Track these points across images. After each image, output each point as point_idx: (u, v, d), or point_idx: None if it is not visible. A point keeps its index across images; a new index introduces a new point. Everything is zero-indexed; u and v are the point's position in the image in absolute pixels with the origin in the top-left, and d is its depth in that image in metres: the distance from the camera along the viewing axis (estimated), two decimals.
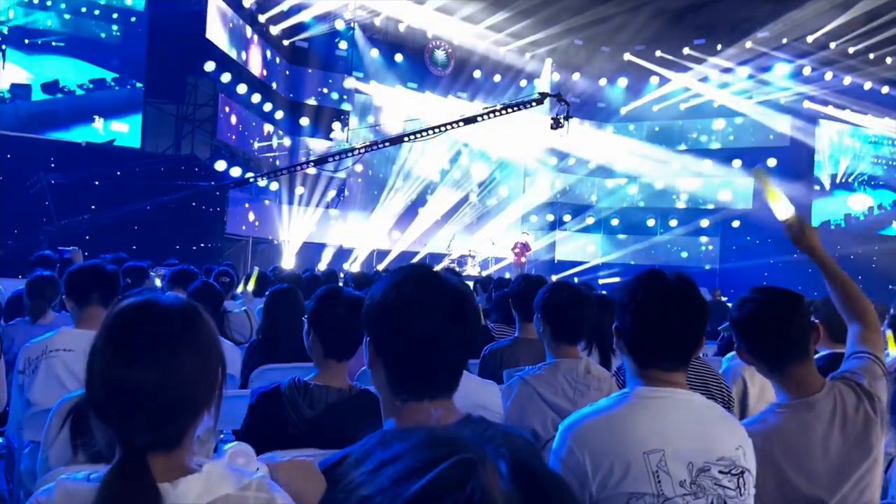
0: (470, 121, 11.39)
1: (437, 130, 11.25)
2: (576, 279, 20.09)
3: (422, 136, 11.41)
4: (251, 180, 13.34)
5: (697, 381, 2.86)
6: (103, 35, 12.67)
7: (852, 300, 2.22)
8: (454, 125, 11.27)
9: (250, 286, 5.33)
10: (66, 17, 12.29)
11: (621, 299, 1.77)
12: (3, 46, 11.55)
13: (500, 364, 3.46)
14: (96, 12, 12.65)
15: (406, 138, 11.88)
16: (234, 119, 14.53)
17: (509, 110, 11.86)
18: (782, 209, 2.24)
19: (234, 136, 14.58)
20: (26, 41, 11.97)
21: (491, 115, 11.50)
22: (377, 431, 1.18)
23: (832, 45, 17.52)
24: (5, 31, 11.48)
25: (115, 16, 12.83)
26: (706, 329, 1.81)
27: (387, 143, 12.39)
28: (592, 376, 2.66)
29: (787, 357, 1.97)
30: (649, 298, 1.72)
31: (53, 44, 12.19)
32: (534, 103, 11.78)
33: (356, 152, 11.73)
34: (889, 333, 4.01)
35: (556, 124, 11.27)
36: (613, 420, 1.68)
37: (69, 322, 3.11)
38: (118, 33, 12.80)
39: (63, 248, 6.87)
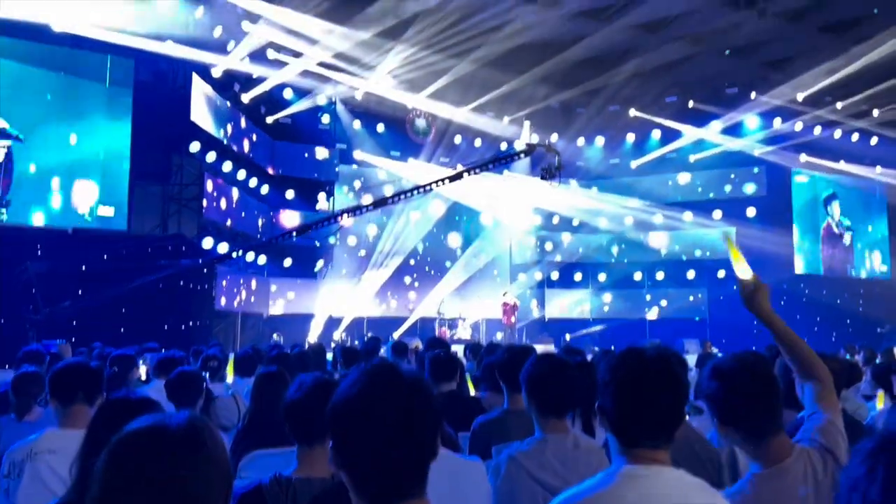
0: (456, 177, 11.44)
1: (423, 190, 11.28)
2: (567, 336, 20.06)
3: (407, 197, 11.45)
4: (235, 255, 13.35)
5: (684, 445, 2.86)
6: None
7: (805, 361, 2.25)
8: (442, 182, 11.31)
9: (230, 379, 5.23)
10: None
11: (602, 379, 1.79)
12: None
13: (490, 437, 3.44)
14: None
15: (390, 200, 11.90)
16: (220, 196, 14.68)
17: (498, 163, 11.97)
18: (743, 270, 2.31)
19: (220, 213, 14.69)
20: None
21: (479, 169, 11.57)
22: None
23: (799, 96, 18.07)
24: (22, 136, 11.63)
25: None
26: (686, 404, 1.84)
27: (370, 207, 12.42)
28: (581, 451, 2.65)
29: (762, 430, 1.99)
30: (628, 379, 1.74)
31: None
32: (522, 154, 11.93)
33: (341, 217, 11.74)
34: (880, 394, 4.04)
35: (549, 175, 11.33)
36: (600, 500, 1.69)
37: (55, 418, 3.09)
38: None
39: (49, 342, 6.76)
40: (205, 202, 13.85)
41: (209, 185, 14.00)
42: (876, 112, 18.73)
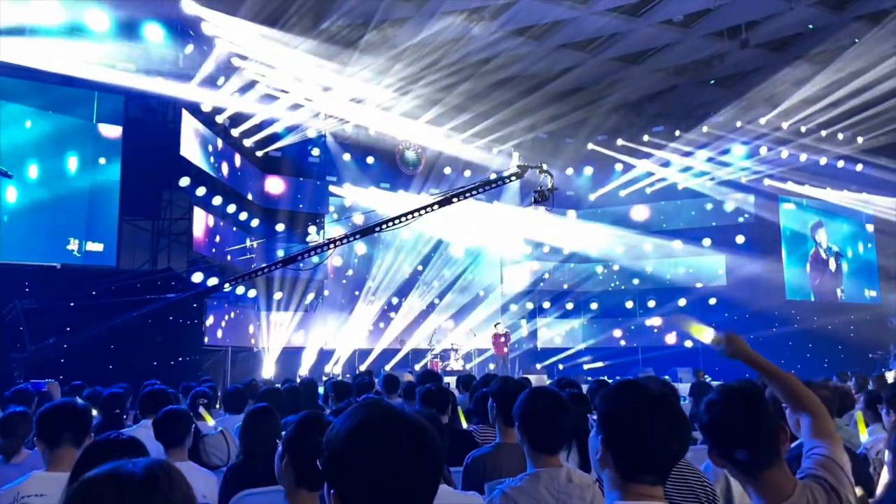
0: (447, 202, 11.30)
1: (412, 216, 11.12)
2: (560, 366, 19.99)
3: (396, 224, 11.30)
4: (223, 289, 13.21)
5: (679, 478, 2.84)
6: None
7: (794, 394, 2.24)
8: (432, 208, 11.18)
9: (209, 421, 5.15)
10: None
11: (603, 413, 1.76)
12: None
13: (483, 472, 3.40)
14: None
15: (378, 228, 11.75)
16: (210, 230, 14.65)
17: (490, 187, 11.93)
18: (707, 336, 2.48)
19: (210, 247, 14.65)
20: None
21: (470, 193, 11.47)
22: None
23: (784, 125, 18.33)
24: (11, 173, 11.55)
25: None
26: (689, 440, 1.81)
27: (357, 236, 12.30)
28: (574, 485, 2.62)
29: (757, 462, 1.95)
30: (631, 415, 1.70)
31: None
32: (514, 177, 11.89)
33: (329, 246, 11.61)
34: (859, 415, 4.03)
35: (542, 197, 11.32)
36: None
37: (42, 460, 3.05)
38: None
39: (37, 382, 6.65)
40: (194, 236, 13.80)
41: (198, 219, 13.97)
42: (860, 140, 19.02)
